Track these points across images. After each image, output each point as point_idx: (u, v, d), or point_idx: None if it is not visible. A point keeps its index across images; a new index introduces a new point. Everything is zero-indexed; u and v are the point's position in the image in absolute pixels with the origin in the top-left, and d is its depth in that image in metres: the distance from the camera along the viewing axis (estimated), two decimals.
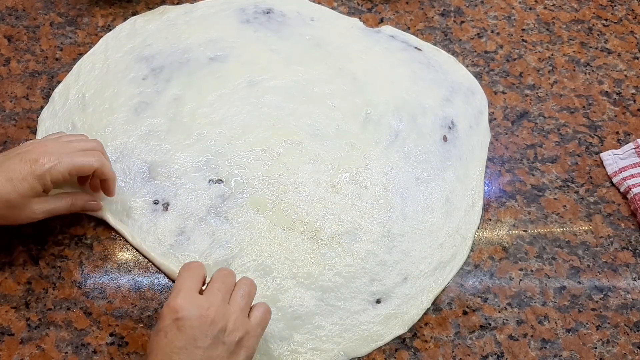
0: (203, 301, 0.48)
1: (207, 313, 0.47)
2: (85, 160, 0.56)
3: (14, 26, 0.76)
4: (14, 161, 0.54)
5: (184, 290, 0.48)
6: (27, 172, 0.53)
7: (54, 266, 0.59)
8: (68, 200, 0.58)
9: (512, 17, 0.82)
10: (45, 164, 0.53)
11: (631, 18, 0.82)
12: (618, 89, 0.76)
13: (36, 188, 0.54)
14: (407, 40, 0.78)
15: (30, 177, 0.53)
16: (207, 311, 0.47)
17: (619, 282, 0.62)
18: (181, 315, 0.46)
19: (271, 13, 0.78)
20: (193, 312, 0.47)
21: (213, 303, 0.48)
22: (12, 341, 0.55)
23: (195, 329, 0.46)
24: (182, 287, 0.49)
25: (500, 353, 0.57)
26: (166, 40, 0.74)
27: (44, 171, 0.53)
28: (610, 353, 0.58)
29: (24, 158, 0.54)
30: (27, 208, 0.55)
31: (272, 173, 0.65)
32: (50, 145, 0.56)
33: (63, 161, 0.54)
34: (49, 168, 0.53)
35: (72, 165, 0.55)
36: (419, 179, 0.66)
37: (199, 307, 0.47)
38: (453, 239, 0.63)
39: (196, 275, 0.50)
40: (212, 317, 0.47)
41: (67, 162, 0.55)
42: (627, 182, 0.67)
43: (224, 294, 0.50)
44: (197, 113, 0.68)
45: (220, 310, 0.48)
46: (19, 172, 0.53)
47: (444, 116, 0.71)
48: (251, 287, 0.52)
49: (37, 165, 0.53)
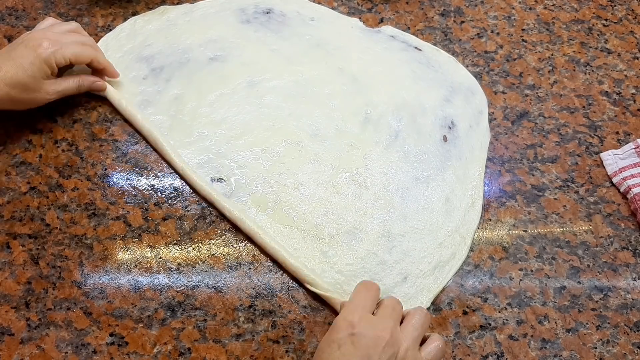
0: (378, 322, 0.48)
1: (383, 335, 0.47)
2: (84, 49, 0.64)
3: (14, 26, 0.76)
4: (19, 49, 0.60)
5: (361, 307, 0.49)
6: (34, 55, 0.60)
7: (54, 266, 0.59)
8: (76, 80, 0.66)
9: (512, 17, 0.82)
10: (49, 48, 0.61)
11: (631, 18, 0.82)
12: (618, 89, 0.76)
13: (44, 69, 0.61)
14: (407, 40, 0.78)
15: (37, 60, 0.60)
16: (383, 332, 0.47)
17: (619, 282, 0.62)
18: (357, 331, 0.47)
19: (271, 13, 0.78)
20: (369, 331, 0.47)
21: (388, 325, 0.48)
22: (12, 341, 0.55)
23: (369, 348, 0.46)
24: (360, 304, 0.49)
25: (500, 353, 0.57)
26: (166, 40, 0.74)
27: (48, 54, 0.61)
28: (610, 353, 0.58)
29: (28, 45, 0.61)
30: (40, 89, 0.62)
31: (272, 173, 0.65)
32: (50, 33, 0.63)
33: (65, 47, 0.62)
34: (53, 52, 0.61)
35: (72, 52, 0.63)
36: (419, 179, 0.66)
37: (375, 328, 0.47)
38: (452, 239, 0.63)
39: (373, 297, 0.51)
40: (387, 339, 0.47)
41: (69, 49, 0.62)
42: (627, 182, 0.67)
43: (395, 320, 0.49)
44: (198, 112, 0.68)
45: (394, 334, 0.48)
46: (26, 56, 0.60)
47: (444, 116, 0.71)
48: (425, 319, 0.51)
49: (42, 49, 0.60)
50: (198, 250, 0.61)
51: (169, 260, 0.60)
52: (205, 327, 0.57)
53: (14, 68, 0.59)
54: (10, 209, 0.62)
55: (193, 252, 0.61)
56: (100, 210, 0.63)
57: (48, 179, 0.64)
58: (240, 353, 0.56)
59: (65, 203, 0.63)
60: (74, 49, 0.63)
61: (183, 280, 0.59)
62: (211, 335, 0.57)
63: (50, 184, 0.64)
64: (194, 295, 0.58)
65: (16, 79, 0.59)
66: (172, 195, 0.64)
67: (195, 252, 0.61)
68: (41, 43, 0.61)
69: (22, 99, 0.62)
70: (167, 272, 0.60)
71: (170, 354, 0.55)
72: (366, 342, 0.46)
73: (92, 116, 0.69)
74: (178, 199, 0.64)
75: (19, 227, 0.61)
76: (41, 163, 0.65)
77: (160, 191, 0.65)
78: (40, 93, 0.62)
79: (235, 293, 0.59)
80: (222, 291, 0.59)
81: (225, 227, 0.63)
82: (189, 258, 0.61)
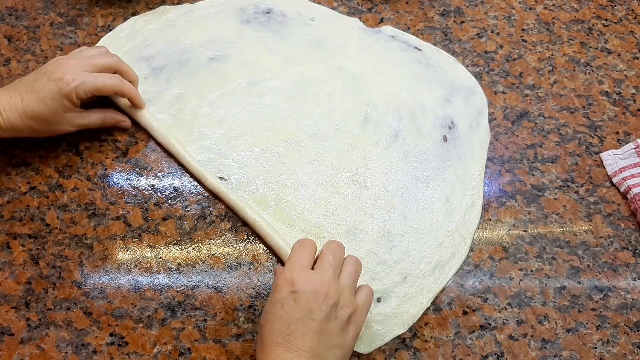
0: (317, 276, 0.50)
1: (321, 288, 0.50)
2: (106, 82, 0.62)
3: (14, 26, 0.76)
4: (42, 81, 0.60)
5: (299, 265, 0.51)
6: (55, 90, 0.59)
7: (54, 266, 0.59)
8: (101, 116, 0.65)
9: (512, 17, 0.82)
10: (71, 83, 0.59)
11: (631, 18, 0.82)
12: (618, 89, 0.76)
13: (65, 104, 0.60)
14: (407, 40, 0.78)
15: (58, 95, 0.59)
16: (321, 286, 0.50)
17: (619, 282, 0.62)
18: (297, 288, 0.49)
19: (271, 13, 0.78)
20: (308, 287, 0.49)
21: (325, 279, 0.50)
22: (12, 341, 0.55)
23: (310, 302, 0.49)
24: (297, 262, 0.51)
25: (500, 353, 0.57)
26: (166, 40, 0.74)
27: (69, 90, 0.59)
28: (610, 353, 0.58)
29: (50, 77, 0.59)
30: (62, 122, 0.62)
31: (272, 173, 0.65)
32: (73, 63, 0.62)
33: (87, 81, 0.60)
34: (74, 87, 0.60)
35: (94, 86, 0.61)
36: (419, 179, 0.66)
37: (313, 282, 0.50)
38: (452, 238, 0.63)
39: (309, 253, 0.53)
40: (325, 292, 0.49)
41: (91, 82, 0.61)
42: (627, 182, 0.67)
43: (334, 269, 0.52)
44: (199, 112, 0.69)
45: (332, 286, 0.50)
46: (48, 91, 0.59)
47: (443, 116, 0.71)
48: (357, 266, 0.54)
49: (63, 83, 0.59)
50: (198, 250, 0.61)
51: (169, 260, 0.60)
52: (205, 327, 0.57)
53: (35, 101, 0.59)
54: (10, 209, 0.62)
55: (193, 252, 0.61)
56: (100, 210, 0.63)
57: (48, 179, 0.64)
58: (240, 353, 0.56)
59: (65, 203, 0.63)
60: (96, 83, 0.61)
61: (183, 280, 0.59)
62: (211, 335, 0.57)
63: (50, 184, 0.64)
64: (194, 295, 0.59)
65: (38, 113, 0.59)
66: (172, 195, 0.64)
67: (195, 252, 0.61)
68: (63, 77, 0.59)
69: (44, 130, 0.62)
70: (167, 272, 0.60)
71: (170, 354, 0.55)
72: (307, 297, 0.49)
73: None
74: (178, 199, 0.64)
75: (19, 227, 0.61)
76: (41, 163, 0.65)
77: (160, 191, 0.65)
78: (62, 125, 0.62)
79: (235, 293, 0.59)
80: (222, 291, 0.59)
81: (225, 227, 0.63)
82: (189, 258, 0.61)
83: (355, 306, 0.51)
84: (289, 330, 0.48)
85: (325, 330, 0.49)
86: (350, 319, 0.51)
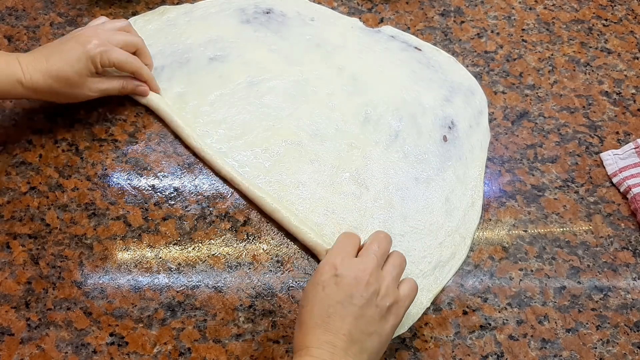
0: (360, 263, 0.51)
1: (363, 275, 0.50)
2: (128, 59, 0.65)
3: (14, 26, 0.76)
4: (70, 44, 0.61)
5: (343, 252, 0.52)
6: (81, 52, 0.61)
7: (54, 266, 0.59)
8: (120, 82, 0.66)
9: (512, 17, 0.82)
10: (98, 47, 0.61)
11: (631, 18, 0.82)
12: (618, 89, 0.76)
13: (89, 67, 0.61)
14: (407, 40, 0.78)
15: (84, 57, 0.61)
16: (363, 273, 0.50)
17: (619, 282, 0.62)
18: (339, 272, 0.50)
19: (271, 13, 0.78)
20: (351, 272, 0.50)
21: (368, 266, 0.51)
22: (12, 341, 0.55)
23: (352, 287, 0.49)
24: (342, 248, 0.52)
25: (500, 353, 0.57)
26: (166, 40, 0.74)
27: (95, 53, 0.61)
28: (610, 353, 0.58)
29: (78, 40, 0.62)
30: (84, 86, 0.63)
31: (272, 172, 0.65)
32: (100, 31, 0.64)
33: (112, 50, 0.62)
34: (100, 52, 0.61)
35: (117, 59, 0.63)
36: (419, 179, 0.66)
37: (356, 268, 0.50)
38: (452, 238, 0.63)
39: (354, 243, 0.54)
40: (367, 279, 0.50)
41: (115, 54, 0.63)
42: (627, 182, 0.67)
43: (379, 258, 0.52)
44: (199, 111, 0.69)
45: (374, 273, 0.51)
46: (74, 52, 0.61)
47: (443, 116, 0.71)
48: (402, 259, 0.54)
49: (90, 46, 0.61)
50: (198, 250, 0.61)
51: (169, 260, 0.60)
52: (205, 327, 0.57)
53: (60, 62, 0.60)
54: (10, 209, 0.62)
55: (193, 252, 0.61)
56: (100, 210, 0.63)
57: (48, 179, 0.64)
58: (240, 353, 0.56)
59: (65, 203, 0.63)
60: (120, 56, 0.63)
61: (183, 280, 0.59)
62: (211, 335, 0.57)
63: (50, 184, 0.64)
64: (194, 295, 0.58)
65: (62, 73, 0.60)
66: (172, 195, 0.64)
67: (195, 252, 0.61)
68: (90, 40, 0.61)
69: (65, 93, 0.63)
70: (167, 272, 0.60)
71: (170, 354, 0.55)
72: (348, 282, 0.49)
73: (92, 116, 0.69)
74: (178, 199, 0.64)
75: (19, 227, 0.61)
76: (41, 163, 0.65)
77: (160, 191, 0.65)
78: (83, 89, 0.63)
79: (235, 293, 0.59)
80: (222, 291, 0.59)
81: (225, 227, 0.63)
82: (189, 258, 0.61)
83: (396, 297, 0.51)
84: (328, 312, 0.48)
85: (365, 316, 0.49)
86: (391, 309, 0.50)
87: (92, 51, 0.61)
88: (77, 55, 0.61)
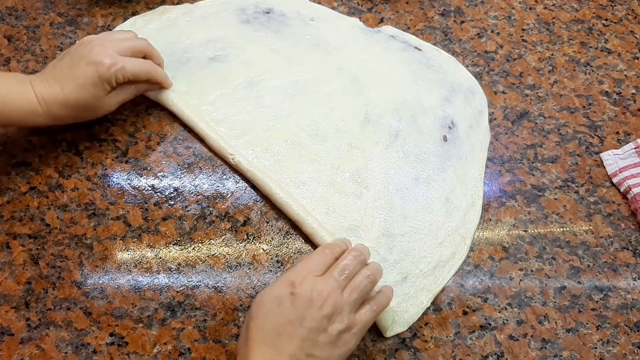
0: (318, 284, 0.49)
1: (319, 297, 0.49)
2: (142, 67, 0.64)
3: (14, 26, 0.76)
4: (80, 66, 0.60)
5: (307, 270, 0.51)
6: (96, 75, 0.60)
7: (54, 266, 0.59)
8: (134, 87, 0.65)
9: (512, 17, 0.82)
10: (111, 67, 0.60)
11: (631, 18, 0.82)
12: (618, 89, 0.76)
13: (105, 88, 0.61)
14: (407, 40, 0.78)
15: (99, 81, 0.60)
16: (319, 295, 0.49)
17: (619, 282, 0.62)
18: (297, 291, 0.49)
19: (271, 13, 0.78)
20: (307, 292, 0.49)
21: (326, 289, 0.49)
22: (12, 341, 0.55)
23: (305, 308, 0.48)
24: (307, 266, 0.51)
25: (500, 353, 0.57)
26: (166, 40, 0.74)
27: (110, 74, 0.60)
28: (610, 353, 0.58)
29: (89, 61, 0.60)
30: (103, 105, 0.62)
31: (273, 172, 0.65)
32: (107, 45, 0.62)
33: (126, 66, 0.61)
34: (115, 72, 0.60)
35: (132, 72, 0.62)
36: (419, 179, 0.66)
37: (313, 289, 0.49)
38: (452, 238, 0.63)
39: (324, 261, 0.52)
40: (321, 302, 0.48)
41: (129, 67, 0.62)
42: (627, 182, 0.67)
43: (341, 280, 0.51)
44: (200, 111, 0.69)
45: (331, 297, 0.49)
46: (89, 77, 0.59)
47: (444, 116, 0.71)
48: (368, 282, 0.52)
49: (103, 68, 0.60)
50: (198, 250, 0.61)
51: (169, 260, 0.60)
52: (205, 327, 0.57)
53: (77, 89, 0.59)
54: (10, 209, 0.62)
55: (193, 252, 0.61)
56: (100, 210, 0.63)
57: (48, 179, 0.64)
58: None
59: (65, 203, 0.63)
60: (134, 69, 0.63)
61: (183, 280, 0.59)
62: (211, 335, 0.57)
63: (50, 184, 0.64)
64: (194, 295, 0.58)
65: (80, 101, 0.60)
66: (172, 195, 0.64)
67: (195, 252, 0.61)
68: (101, 59, 0.60)
69: (84, 116, 0.63)
70: (167, 272, 0.60)
71: (170, 354, 0.55)
72: (302, 303, 0.48)
73: None
74: (178, 199, 0.64)
75: (19, 227, 0.61)
76: (41, 163, 0.65)
77: (160, 191, 0.65)
78: (102, 108, 0.63)
79: (235, 293, 0.59)
80: (222, 291, 0.59)
81: (225, 227, 0.63)
82: (189, 258, 0.61)
83: (350, 323, 0.49)
84: (278, 331, 0.47)
85: (312, 340, 0.47)
86: (342, 335, 0.49)
87: (106, 73, 0.60)
88: (92, 80, 0.59)
